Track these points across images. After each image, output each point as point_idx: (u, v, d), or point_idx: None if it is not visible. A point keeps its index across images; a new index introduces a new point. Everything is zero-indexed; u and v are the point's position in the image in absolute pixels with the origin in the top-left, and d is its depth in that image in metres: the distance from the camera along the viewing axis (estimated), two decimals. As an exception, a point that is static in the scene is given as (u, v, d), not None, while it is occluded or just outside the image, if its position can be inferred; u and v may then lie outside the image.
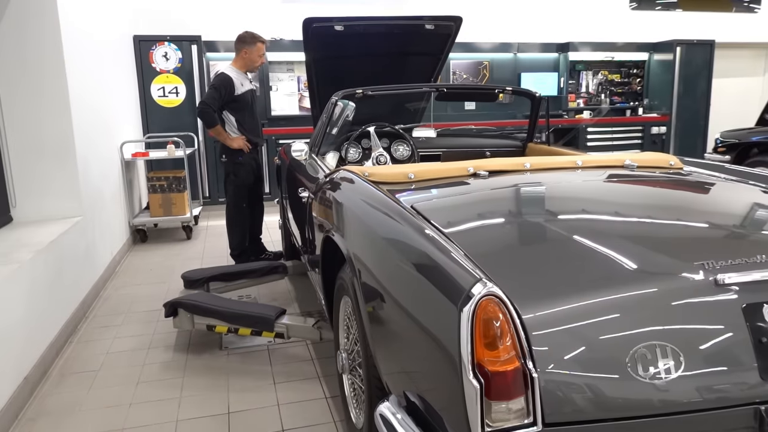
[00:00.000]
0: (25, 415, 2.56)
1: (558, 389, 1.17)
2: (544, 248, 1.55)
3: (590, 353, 1.21)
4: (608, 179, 2.14)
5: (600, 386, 1.19)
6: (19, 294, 2.74)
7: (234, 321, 2.99)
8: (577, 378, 1.18)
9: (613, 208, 1.84)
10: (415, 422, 1.39)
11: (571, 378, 1.18)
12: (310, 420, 2.46)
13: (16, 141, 3.64)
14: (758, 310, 1.29)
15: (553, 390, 1.17)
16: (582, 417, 1.18)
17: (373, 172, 2.22)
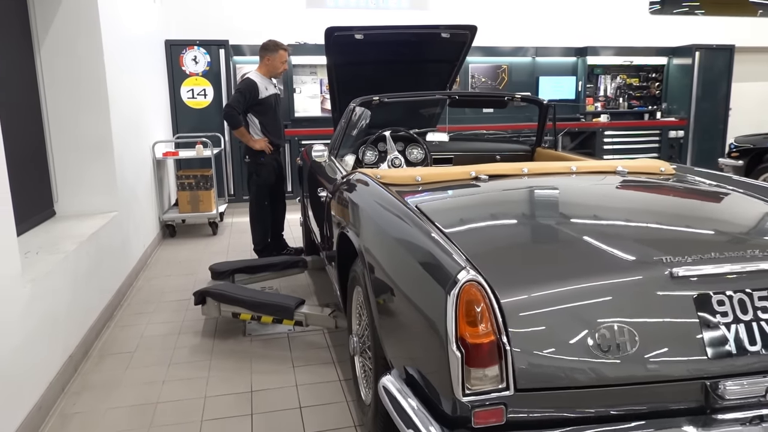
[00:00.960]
0: (70, 389, 2.85)
1: (528, 361, 1.39)
2: (526, 244, 1.77)
3: (557, 332, 1.43)
4: (595, 184, 2.34)
5: (565, 359, 1.41)
6: (65, 280, 3.03)
7: (257, 309, 3.25)
8: (545, 352, 1.40)
9: (593, 210, 2.05)
10: (412, 391, 1.62)
11: (540, 352, 1.40)
12: (325, 399, 2.71)
13: (59, 141, 3.95)
14: (708, 299, 1.50)
15: (524, 361, 1.39)
16: (549, 385, 1.40)
17: (385, 174, 2.46)
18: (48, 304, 2.74)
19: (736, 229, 1.93)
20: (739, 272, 1.53)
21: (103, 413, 2.62)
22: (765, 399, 1.47)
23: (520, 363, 1.39)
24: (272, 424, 2.51)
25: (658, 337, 1.46)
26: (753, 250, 1.61)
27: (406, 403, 1.57)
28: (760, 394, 1.46)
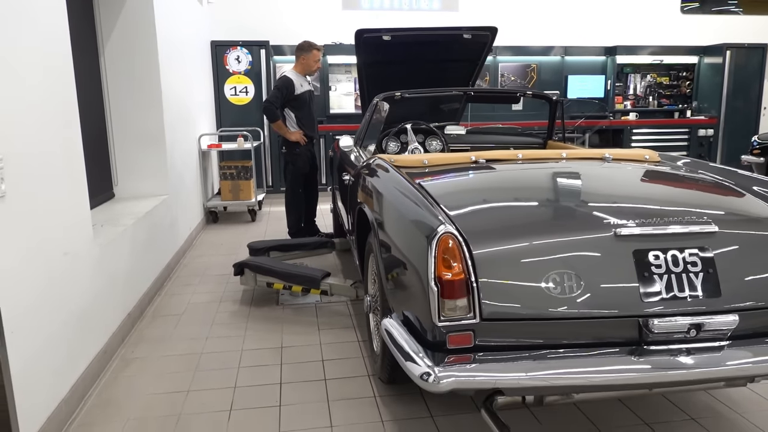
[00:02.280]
0: (129, 340, 3.34)
1: (491, 296, 1.76)
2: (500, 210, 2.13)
3: (517, 275, 1.79)
4: (576, 168, 2.67)
5: (522, 296, 1.77)
6: (125, 249, 3.53)
7: (288, 279, 3.69)
8: (505, 290, 1.77)
9: (565, 187, 2.39)
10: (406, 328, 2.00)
11: (501, 290, 1.77)
12: (344, 355, 3.12)
13: (119, 132, 4.47)
14: (644, 254, 1.83)
15: (488, 296, 1.76)
16: (508, 316, 1.77)
17: (398, 159, 2.85)
18: (112, 267, 3.24)
19: (680, 202, 2.24)
20: (672, 233, 1.86)
21: (157, 359, 3.10)
22: (688, 335, 1.79)
23: (485, 297, 1.76)
24: (298, 372, 2.93)
25: (601, 282, 1.81)
26: (689, 217, 1.94)
27: (400, 334, 1.95)
28: (684, 331, 1.79)
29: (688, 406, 2.55)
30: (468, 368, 1.72)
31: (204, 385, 2.80)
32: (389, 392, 2.70)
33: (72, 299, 2.63)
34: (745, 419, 2.44)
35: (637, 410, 2.52)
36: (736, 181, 2.56)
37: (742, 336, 1.85)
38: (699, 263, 1.84)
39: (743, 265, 1.90)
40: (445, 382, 1.68)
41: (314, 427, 2.43)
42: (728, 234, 1.93)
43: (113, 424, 2.48)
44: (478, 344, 1.79)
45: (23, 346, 2.13)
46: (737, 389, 2.68)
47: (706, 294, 1.82)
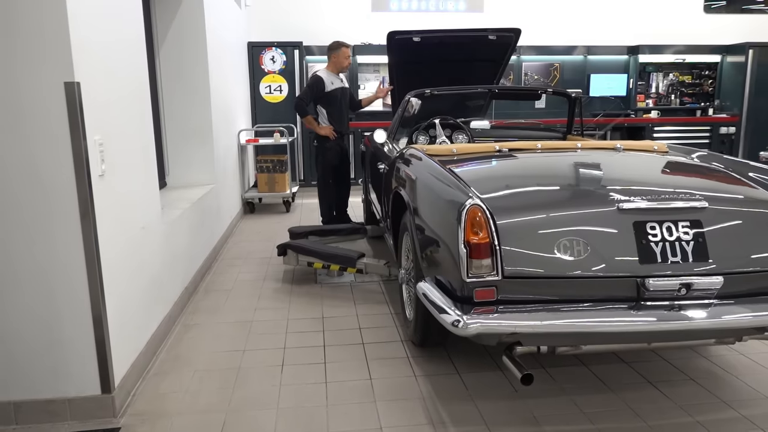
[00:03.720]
0: (187, 310, 3.76)
1: (512, 258, 2.10)
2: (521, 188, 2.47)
3: (533, 241, 2.13)
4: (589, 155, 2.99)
5: (537, 259, 2.11)
6: (183, 229, 3.94)
7: (327, 259, 4.07)
8: (523, 252, 2.11)
9: (578, 170, 2.71)
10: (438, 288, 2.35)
11: (520, 253, 2.11)
12: (379, 324, 3.48)
13: (171, 126, 4.90)
14: (643, 225, 2.16)
15: (509, 258, 2.10)
16: (525, 274, 2.11)
17: (429, 148, 3.20)
18: (174, 243, 3.65)
19: (677, 183, 2.54)
20: (668, 208, 2.18)
21: (214, 325, 3.50)
22: (679, 293, 2.11)
23: (506, 259, 2.10)
24: (339, 337, 3.31)
25: (605, 248, 2.14)
26: (683, 195, 2.26)
27: (433, 293, 2.30)
28: (675, 289, 2.11)
29: (689, 369, 2.85)
30: (491, 317, 2.07)
31: (257, 346, 3.20)
32: (421, 354, 3.06)
33: (147, 266, 3.05)
34: (740, 380, 2.74)
35: (642, 372, 2.83)
36: (737, 168, 2.85)
37: (727, 296, 2.16)
38: (690, 233, 2.16)
39: (729, 236, 2.21)
40: (472, 327, 2.03)
41: (356, 379, 2.80)
42: (717, 209, 2.24)
43: (183, 374, 2.88)
44: (500, 299, 2.13)
45: (115, 300, 2.54)
46: (734, 355, 2.98)
47: (695, 259, 2.14)
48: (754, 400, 2.57)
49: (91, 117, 2.37)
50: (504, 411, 2.50)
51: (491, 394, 2.65)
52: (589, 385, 2.72)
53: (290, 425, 2.41)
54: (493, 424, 2.40)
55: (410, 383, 2.76)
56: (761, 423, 2.38)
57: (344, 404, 2.57)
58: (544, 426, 2.38)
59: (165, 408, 2.56)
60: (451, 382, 2.76)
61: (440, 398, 2.62)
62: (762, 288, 2.21)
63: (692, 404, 2.53)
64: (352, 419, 2.45)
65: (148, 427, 2.41)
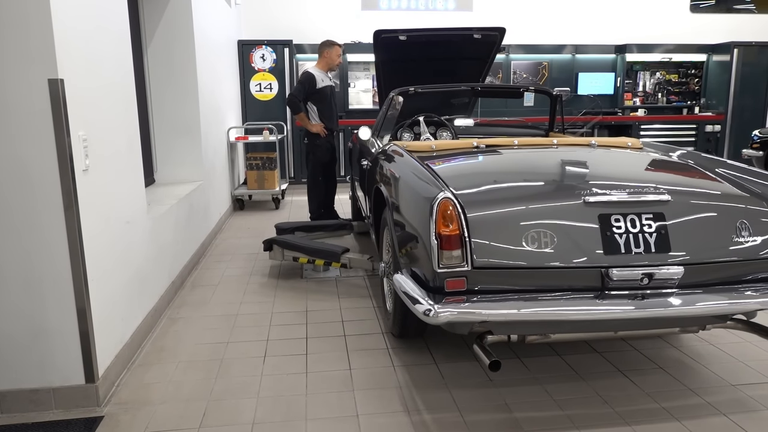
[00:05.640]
0: (173, 304, 3.82)
1: (481, 249, 2.18)
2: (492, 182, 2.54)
3: (501, 232, 2.21)
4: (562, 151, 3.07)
5: (505, 250, 2.18)
6: (169, 225, 4.00)
7: (312, 254, 4.14)
8: (493, 244, 2.19)
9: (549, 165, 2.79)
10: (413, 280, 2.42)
11: (489, 244, 2.19)
12: (361, 317, 3.55)
13: (159, 123, 4.95)
14: (608, 218, 2.24)
15: (478, 249, 2.18)
16: (494, 265, 2.19)
17: (410, 145, 3.28)
18: (160, 238, 3.71)
19: (644, 178, 2.62)
20: (632, 201, 2.27)
21: (199, 318, 3.57)
22: (642, 283, 2.20)
23: (476, 250, 2.18)
24: (321, 329, 3.38)
25: (571, 240, 2.22)
26: (648, 188, 2.34)
27: (407, 284, 2.38)
28: (638, 279, 2.19)
29: (659, 358, 2.94)
30: (461, 306, 2.14)
31: (241, 338, 3.26)
32: (400, 345, 3.14)
33: (132, 260, 3.11)
34: (707, 369, 2.83)
35: (613, 361, 2.92)
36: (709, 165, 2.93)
37: (689, 285, 2.24)
38: (653, 225, 2.25)
39: (690, 228, 2.29)
40: (442, 316, 2.10)
41: (336, 369, 2.87)
42: (680, 203, 2.32)
43: (167, 364, 2.95)
44: (470, 288, 2.21)
45: (99, 293, 2.60)
46: (703, 345, 3.07)
47: (658, 250, 2.22)
48: (719, 387, 2.66)
49: (75, 113, 2.43)
50: (477, 398, 2.58)
51: (466, 382, 2.73)
52: (562, 373, 2.80)
53: (269, 413, 2.48)
54: (466, 411, 2.48)
55: (388, 373, 2.83)
56: (724, 409, 2.47)
57: (323, 393, 2.64)
58: (515, 412, 2.46)
59: (148, 397, 2.63)
60: (428, 371, 2.84)
61: (416, 387, 2.69)
62: (722, 278, 2.30)
63: (660, 392, 2.62)
64: (329, 407, 2.53)
65: (130, 416, 2.48)
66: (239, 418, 2.45)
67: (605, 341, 3.10)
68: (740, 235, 2.30)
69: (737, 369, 2.83)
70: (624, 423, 2.37)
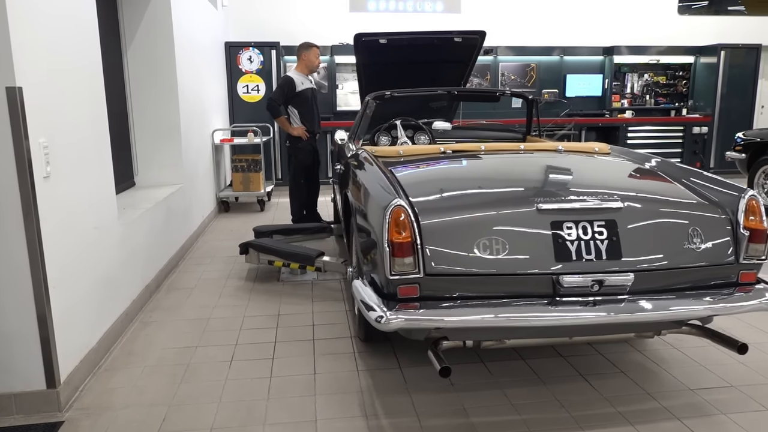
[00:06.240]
0: (147, 308, 3.84)
1: (433, 256, 2.20)
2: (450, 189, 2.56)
3: (454, 239, 2.23)
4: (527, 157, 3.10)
5: (458, 257, 2.21)
6: (144, 229, 4.02)
7: (287, 257, 4.16)
8: (445, 251, 2.21)
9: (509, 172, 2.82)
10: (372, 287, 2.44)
11: (442, 251, 2.21)
12: (332, 321, 3.58)
13: (139, 126, 4.97)
14: (560, 225, 2.26)
15: (430, 256, 2.20)
16: (447, 272, 2.21)
17: (378, 150, 3.30)
18: (133, 243, 3.72)
19: (602, 184, 2.64)
20: (584, 208, 2.29)
21: (171, 322, 3.59)
22: (592, 289, 2.22)
23: (428, 257, 2.20)
24: (291, 333, 3.40)
25: (523, 247, 2.24)
26: (602, 196, 2.36)
27: (364, 291, 2.40)
28: (588, 286, 2.21)
29: (621, 362, 2.97)
30: (413, 313, 2.17)
31: (210, 342, 3.28)
32: (367, 349, 3.16)
33: (100, 266, 3.12)
34: (668, 373, 2.86)
35: (576, 365, 2.94)
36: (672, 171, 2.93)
37: (640, 292, 2.27)
38: (605, 232, 2.27)
39: (643, 235, 2.31)
40: (393, 323, 2.13)
41: (300, 374, 2.89)
42: (633, 210, 2.34)
43: (134, 369, 2.97)
44: (423, 295, 2.23)
45: (61, 299, 2.62)
46: (667, 349, 3.09)
47: (609, 257, 2.25)
48: (677, 391, 2.68)
49: (36, 121, 2.45)
50: (437, 403, 2.60)
51: (428, 387, 2.75)
52: (523, 378, 2.82)
53: (228, 418, 2.50)
54: (424, 416, 2.50)
55: (352, 377, 2.85)
56: (679, 413, 2.49)
57: (284, 398, 2.66)
58: (472, 417, 2.49)
59: (111, 402, 2.65)
60: (391, 376, 2.86)
61: (378, 391, 2.72)
62: (673, 284, 2.32)
63: (618, 396, 2.64)
64: (289, 412, 2.55)
65: (91, 421, 2.50)
66: (198, 423, 2.47)
67: (570, 345, 3.12)
68: (692, 242, 2.33)
69: (698, 373, 2.85)
70: (578, 427, 2.40)
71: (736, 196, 2.43)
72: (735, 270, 2.37)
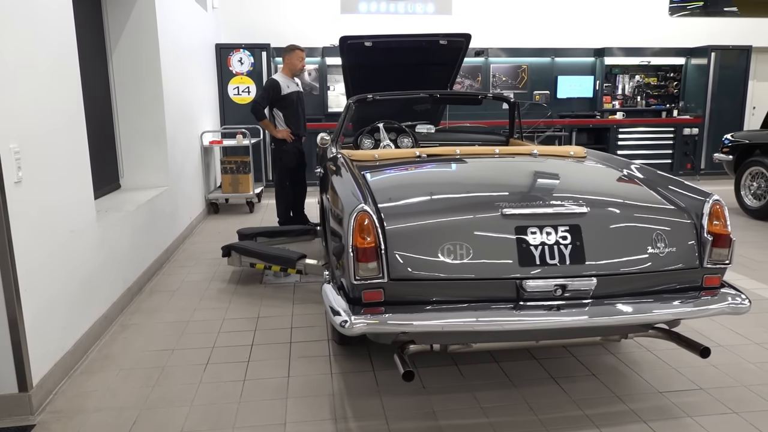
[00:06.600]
0: (128, 310, 3.85)
1: (398, 261, 2.22)
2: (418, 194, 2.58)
3: (419, 244, 2.24)
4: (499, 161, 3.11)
5: (423, 262, 2.22)
6: (125, 232, 4.03)
7: (268, 260, 4.18)
8: (410, 256, 2.23)
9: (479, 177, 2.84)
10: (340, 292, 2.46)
11: (407, 256, 2.23)
12: (311, 323, 3.60)
13: (125, 129, 4.99)
14: (524, 229, 2.28)
15: (395, 261, 2.21)
16: (411, 277, 2.22)
17: (354, 154, 3.32)
18: (113, 246, 3.74)
19: (570, 188, 2.66)
20: (548, 213, 2.31)
21: (151, 325, 3.60)
22: (555, 294, 2.24)
23: (393, 262, 2.21)
24: (268, 336, 3.42)
25: (488, 252, 2.26)
26: (567, 201, 2.38)
27: (332, 295, 2.42)
28: (552, 290, 2.23)
29: (594, 365, 2.99)
30: (377, 317, 2.18)
31: (187, 345, 3.30)
32: (342, 352, 3.18)
33: (77, 269, 3.14)
34: (638, 375, 2.88)
35: (548, 368, 2.96)
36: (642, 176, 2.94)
37: (603, 296, 2.29)
38: (569, 237, 2.29)
39: (605, 240, 2.33)
40: (357, 327, 2.15)
41: (274, 377, 2.91)
42: (597, 215, 2.36)
43: (109, 372, 2.99)
44: (388, 300, 2.25)
45: (34, 303, 2.63)
46: (641, 351, 3.11)
47: (572, 262, 2.27)
48: (646, 394, 2.70)
49: (7, 126, 2.46)
50: (407, 406, 2.62)
51: (400, 390, 2.77)
52: (495, 381, 2.84)
53: (199, 421, 2.52)
54: (393, 419, 2.52)
55: (325, 380, 2.87)
56: (646, 416, 2.51)
57: (256, 401, 2.68)
58: (441, 420, 2.50)
59: (83, 405, 2.67)
60: (364, 378, 2.88)
61: (349, 394, 2.73)
62: (636, 289, 2.34)
63: (586, 399, 2.66)
64: (259, 415, 2.56)
65: (62, 424, 2.51)
66: (168, 426, 2.49)
67: (544, 348, 3.14)
68: (656, 247, 2.34)
69: (668, 376, 2.87)
70: (544, 430, 2.41)
71: (701, 201, 2.45)
72: (699, 274, 2.39)
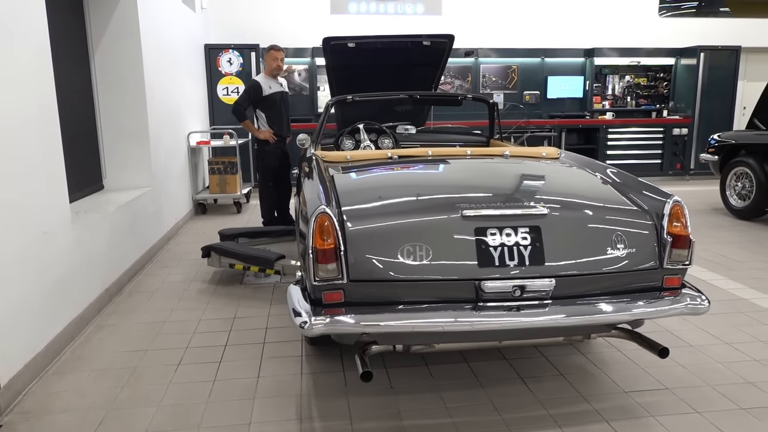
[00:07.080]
0: (105, 311, 3.87)
1: (357, 262, 2.23)
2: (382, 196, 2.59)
3: (379, 246, 2.26)
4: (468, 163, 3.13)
5: (383, 263, 2.24)
6: (104, 233, 4.04)
7: (247, 260, 4.19)
8: (369, 258, 2.24)
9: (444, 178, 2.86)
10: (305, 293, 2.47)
11: (367, 258, 2.24)
12: (286, 324, 3.60)
13: (107, 129, 5.00)
14: (483, 231, 2.29)
15: (354, 262, 2.23)
16: (371, 278, 2.24)
17: (327, 155, 3.33)
18: (89, 247, 3.75)
19: (533, 190, 2.69)
20: (508, 215, 2.33)
21: (127, 326, 3.62)
22: (514, 295, 2.26)
23: (352, 263, 2.23)
24: (242, 337, 3.43)
25: (447, 253, 2.27)
26: (527, 202, 2.40)
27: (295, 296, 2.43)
28: (510, 291, 2.25)
29: (562, 365, 3.00)
30: (337, 318, 2.20)
31: (161, 346, 3.31)
32: (314, 352, 3.19)
33: (48, 269, 3.15)
34: (606, 375, 2.89)
35: (517, 367, 2.98)
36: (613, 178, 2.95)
37: (562, 297, 2.30)
38: (529, 238, 2.30)
39: (564, 242, 2.35)
40: (317, 328, 2.16)
41: (244, 377, 2.93)
42: (557, 216, 2.38)
43: (80, 373, 3.00)
44: (348, 301, 2.26)
45: (1, 304, 2.65)
46: (611, 351, 3.13)
47: (531, 263, 2.28)
48: (611, 394, 2.72)
49: (-27, 127, 2.48)
50: (373, 406, 2.64)
51: (368, 390, 2.78)
52: (463, 380, 2.86)
53: (164, 421, 2.54)
54: (357, 419, 2.53)
55: (294, 381, 2.89)
56: (608, 416, 2.53)
57: (223, 401, 2.70)
58: (405, 420, 2.52)
59: (52, 406, 2.68)
60: (333, 379, 2.90)
61: (317, 395, 2.75)
62: (596, 289, 2.36)
63: (552, 398, 2.68)
64: (226, 415, 2.58)
65: (28, 425, 2.53)
66: (133, 427, 2.50)
67: (514, 348, 3.16)
68: (615, 248, 2.36)
69: (635, 376, 2.89)
70: (506, 430, 2.43)
71: (661, 202, 2.47)
72: (659, 275, 2.41)
